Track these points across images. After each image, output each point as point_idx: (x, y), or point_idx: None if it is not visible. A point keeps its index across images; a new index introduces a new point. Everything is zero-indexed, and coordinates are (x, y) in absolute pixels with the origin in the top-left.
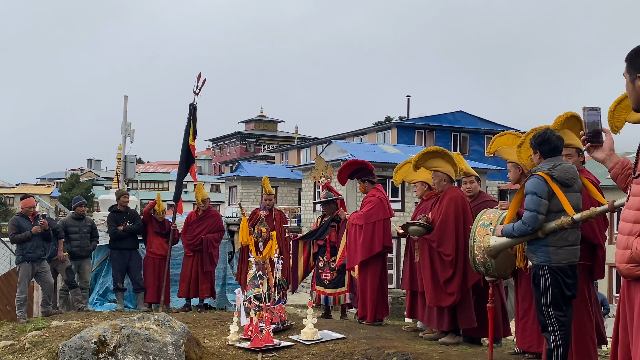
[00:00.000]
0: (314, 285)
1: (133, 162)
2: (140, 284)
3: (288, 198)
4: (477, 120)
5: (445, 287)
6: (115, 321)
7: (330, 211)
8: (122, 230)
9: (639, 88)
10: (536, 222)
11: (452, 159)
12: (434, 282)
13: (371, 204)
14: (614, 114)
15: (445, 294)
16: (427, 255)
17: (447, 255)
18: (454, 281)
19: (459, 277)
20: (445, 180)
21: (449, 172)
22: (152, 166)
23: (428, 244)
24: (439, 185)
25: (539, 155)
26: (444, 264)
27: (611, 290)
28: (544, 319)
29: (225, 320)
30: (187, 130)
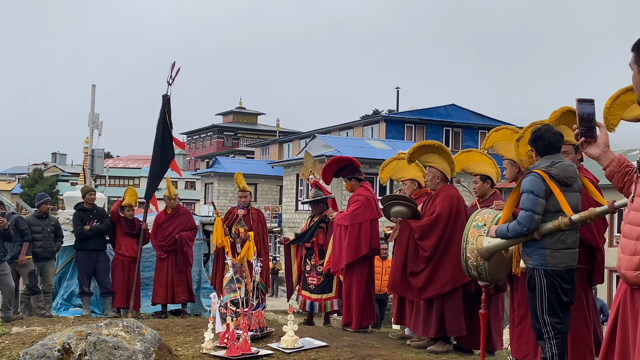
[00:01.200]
0: (300, 289)
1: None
2: (108, 288)
3: (268, 196)
4: (471, 114)
5: (410, 280)
6: (80, 327)
7: (319, 211)
8: (89, 229)
9: None
10: (532, 222)
11: (449, 156)
12: (402, 270)
13: (357, 203)
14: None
15: (408, 286)
16: (405, 240)
17: (425, 250)
18: (419, 277)
19: (427, 275)
20: (439, 177)
21: (444, 170)
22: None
23: (410, 232)
24: (432, 182)
25: (535, 153)
26: (418, 257)
27: (611, 296)
28: (539, 326)
29: (200, 327)
30: (160, 123)
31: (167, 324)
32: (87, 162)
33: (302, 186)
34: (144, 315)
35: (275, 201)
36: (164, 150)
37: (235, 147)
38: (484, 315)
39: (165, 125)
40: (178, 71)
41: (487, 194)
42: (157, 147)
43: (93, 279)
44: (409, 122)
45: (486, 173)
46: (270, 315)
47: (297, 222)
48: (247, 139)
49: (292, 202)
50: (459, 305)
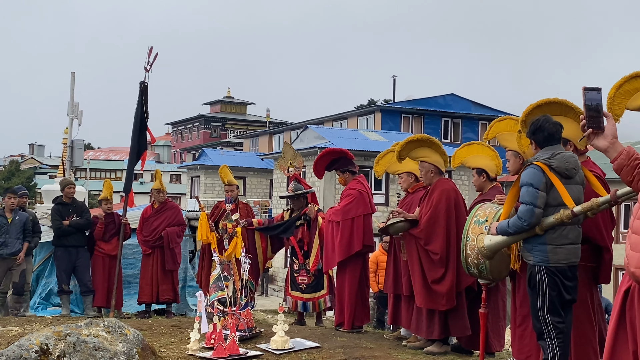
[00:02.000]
0: (288, 290)
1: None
2: (88, 286)
3: (258, 190)
4: (471, 104)
5: (435, 288)
6: (59, 327)
7: (299, 206)
8: (68, 225)
9: None
10: (532, 216)
11: (440, 148)
12: (424, 283)
13: (350, 197)
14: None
15: (437, 296)
16: (415, 253)
17: (435, 253)
18: (444, 282)
19: (451, 277)
20: (432, 171)
21: (437, 163)
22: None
23: (415, 241)
24: (426, 177)
25: (535, 145)
26: (433, 263)
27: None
28: (540, 325)
29: (185, 327)
30: (138, 112)
31: (151, 324)
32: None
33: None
34: (126, 315)
35: (265, 195)
36: (140, 141)
37: (223, 139)
38: (484, 314)
39: (142, 114)
40: (156, 57)
41: (485, 188)
42: (134, 138)
43: (72, 277)
44: (405, 112)
45: (482, 166)
46: (260, 314)
47: None
48: (235, 130)
49: None
50: (463, 303)
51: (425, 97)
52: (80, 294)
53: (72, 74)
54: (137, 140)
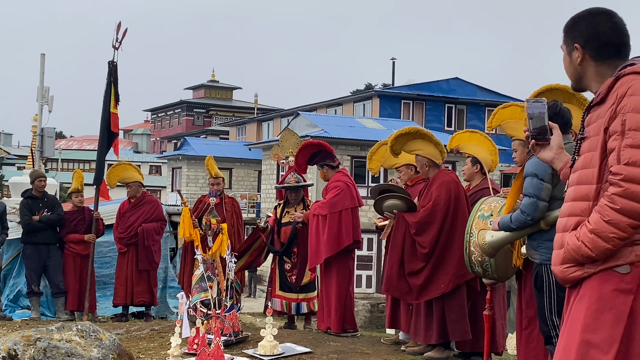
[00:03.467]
0: (275, 291)
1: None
2: (60, 287)
3: (245, 183)
4: (477, 89)
5: (410, 280)
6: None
7: (298, 200)
8: (38, 220)
9: (576, 61)
10: (536, 210)
11: (432, 139)
12: (399, 272)
13: (336, 189)
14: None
15: (407, 287)
16: (400, 236)
17: (423, 247)
18: (419, 276)
19: (427, 273)
20: (427, 165)
21: (431, 155)
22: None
23: (406, 227)
24: (422, 170)
25: None
26: (416, 255)
27: None
28: (548, 328)
29: (166, 331)
30: (107, 95)
31: (129, 327)
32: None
33: (283, 171)
34: (102, 318)
35: (253, 188)
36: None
37: (207, 127)
38: (489, 317)
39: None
40: (125, 33)
41: (473, 179)
42: (104, 124)
43: (43, 277)
44: (406, 98)
45: (478, 156)
46: (247, 318)
47: None
48: (220, 117)
49: (272, 189)
50: (462, 305)
51: (427, 82)
52: (51, 295)
53: (42, 55)
54: (106, 126)
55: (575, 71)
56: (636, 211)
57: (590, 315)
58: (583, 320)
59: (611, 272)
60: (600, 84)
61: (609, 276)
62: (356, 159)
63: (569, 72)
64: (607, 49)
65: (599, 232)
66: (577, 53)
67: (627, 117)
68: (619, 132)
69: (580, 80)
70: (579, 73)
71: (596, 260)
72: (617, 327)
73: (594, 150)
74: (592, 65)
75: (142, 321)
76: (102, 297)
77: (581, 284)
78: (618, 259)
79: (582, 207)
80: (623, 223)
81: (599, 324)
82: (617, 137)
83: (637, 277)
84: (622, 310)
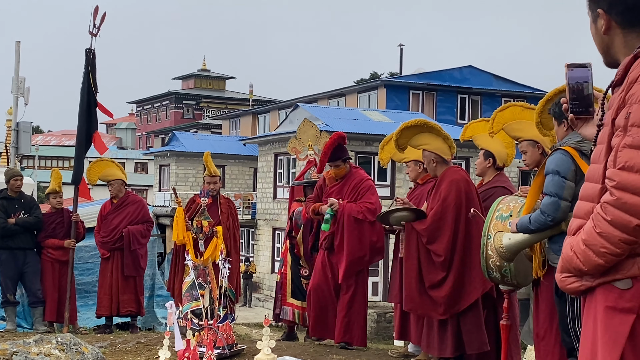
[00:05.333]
0: (285, 299)
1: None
2: (38, 296)
3: (239, 181)
4: (492, 78)
5: (432, 293)
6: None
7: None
8: (14, 223)
9: (600, 29)
10: (558, 210)
11: (441, 132)
12: (419, 287)
13: (373, 189)
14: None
15: (433, 303)
16: (414, 250)
17: (438, 255)
18: (443, 287)
19: (451, 282)
20: (434, 160)
21: (439, 150)
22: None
23: (417, 237)
24: (429, 168)
25: (566, 126)
26: (434, 265)
27: None
28: (570, 339)
29: (153, 343)
30: (84, 85)
31: (113, 340)
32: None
33: (281, 168)
34: (83, 330)
35: (248, 187)
36: (90, 121)
37: (197, 120)
38: (506, 327)
39: (90, 88)
40: (103, 18)
41: (486, 174)
42: (82, 118)
43: (19, 285)
44: (415, 87)
45: (491, 149)
46: (241, 329)
47: (276, 214)
48: (212, 110)
49: (269, 188)
50: (478, 314)
51: (438, 70)
52: (28, 305)
53: (17, 43)
54: (85, 119)
55: (602, 42)
56: (628, 225)
57: (588, 337)
58: (584, 341)
59: (610, 286)
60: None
61: (607, 291)
62: (361, 155)
63: (596, 43)
64: (636, 13)
65: (590, 245)
66: (602, 20)
67: (633, 109)
68: (622, 127)
69: (608, 52)
70: (605, 44)
71: (590, 274)
72: (613, 352)
73: (603, 143)
74: (619, 34)
75: (127, 333)
76: (83, 307)
77: (586, 296)
78: (617, 272)
79: (586, 208)
80: (615, 237)
81: (596, 349)
82: (620, 133)
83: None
84: (619, 331)
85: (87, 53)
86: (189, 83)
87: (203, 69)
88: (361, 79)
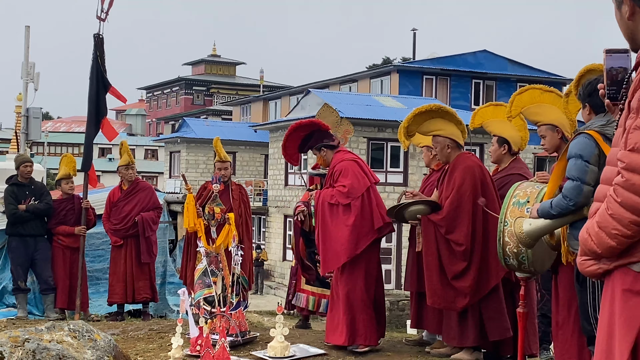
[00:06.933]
0: (300, 285)
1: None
2: (49, 283)
3: (250, 168)
4: (507, 62)
5: (455, 284)
6: (16, 332)
7: None
8: (25, 210)
9: (625, 15)
10: (580, 194)
11: (455, 117)
12: (442, 279)
13: (347, 171)
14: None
15: (457, 294)
16: (432, 242)
17: (459, 244)
18: (466, 277)
19: (475, 272)
20: (448, 146)
21: (453, 135)
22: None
23: (434, 228)
24: (441, 154)
25: (589, 110)
26: (454, 255)
27: None
28: (591, 327)
29: (166, 331)
30: (93, 71)
31: (125, 327)
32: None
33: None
34: (95, 317)
35: (259, 174)
36: (99, 107)
37: (207, 106)
38: (523, 314)
39: (99, 74)
40: (111, 3)
41: (502, 161)
42: (91, 104)
43: (30, 272)
44: (428, 73)
45: (505, 135)
46: (253, 316)
47: (287, 201)
48: (222, 96)
49: (280, 175)
50: (500, 300)
51: (452, 55)
52: (39, 292)
53: (27, 28)
54: (94, 104)
55: (627, 28)
56: (637, 207)
57: (605, 319)
58: (601, 323)
59: (626, 269)
60: None
61: (624, 274)
62: (373, 141)
63: (621, 29)
64: None
65: (603, 227)
66: (626, 6)
67: None
68: (635, 109)
69: (634, 38)
70: (630, 30)
71: (605, 257)
72: (627, 335)
73: (622, 126)
74: None
75: (139, 320)
76: (94, 294)
77: (604, 279)
78: (633, 254)
79: (605, 191)
80: (625, 219)
81: (612, 331)
82: (633, 115)
83: None
84: (635, 314)
85: (95, 38)
86: (199, 69)
87: (213, 54)
88: (373, 64)
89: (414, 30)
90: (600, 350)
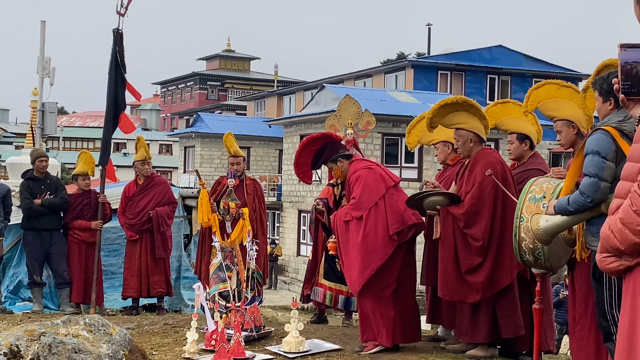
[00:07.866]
0: (318, 279)
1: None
2: (64, 277)
3: (265, 163)
4: (523, 58)
5: (469, 278)
6: (32, 326)
7: None
8: (40, 204)
9: None
10: (597, 190)
11: (479, 112)
12: (456, 272)
13: (360, 180)
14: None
15: (469, 288)
16: (450, 234)
17: (476, 239)
18: (480, 272)
19: (489, 267)
20: (472, 140)
21: (476, 129)
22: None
23: (453, 221)
24: (463, 148)
25: (613, 104)
26: (470, 250)
27: None
28: (608, 324)
29: (181, 325)
30: (112, 66)
31: (140, 321)
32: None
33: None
34: (110, 311)
35: (273, 169)
36: (117, 101)
37: (222, 101)
38: (539, 311)
39: (117, 68)
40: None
41: (524, 157)
42: (110, 98)
43: (46, 266)
44: (443, 68)
45: (524, 131)
46: (267, 312)
47: (301, 196)
48: (237, 91)
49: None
50: (514, 298)
51: (467, 50)
52: (54, 286)
53: (42, 23)
54: (112, 100)
55: None
56: None
57: (626, 315)
58: (622, 320)
59: None
60: None
61: None
62: (387, 137)
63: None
64: None
65: (627, 223)
66: None
67: None
68: None
69: None
70: None
71: (627, 254)
72: None
73: None
74: None
75: (154, 314)
76: (109, 288)
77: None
78: None
79: (626, 188)
80: None
81: (635, 328)
82: None
83: None
84: None
85: (114, 33)
86: (213, 64)
87: (228, 49)
88: (388, 59)
89: (429, 25)
90: (622, 348)
